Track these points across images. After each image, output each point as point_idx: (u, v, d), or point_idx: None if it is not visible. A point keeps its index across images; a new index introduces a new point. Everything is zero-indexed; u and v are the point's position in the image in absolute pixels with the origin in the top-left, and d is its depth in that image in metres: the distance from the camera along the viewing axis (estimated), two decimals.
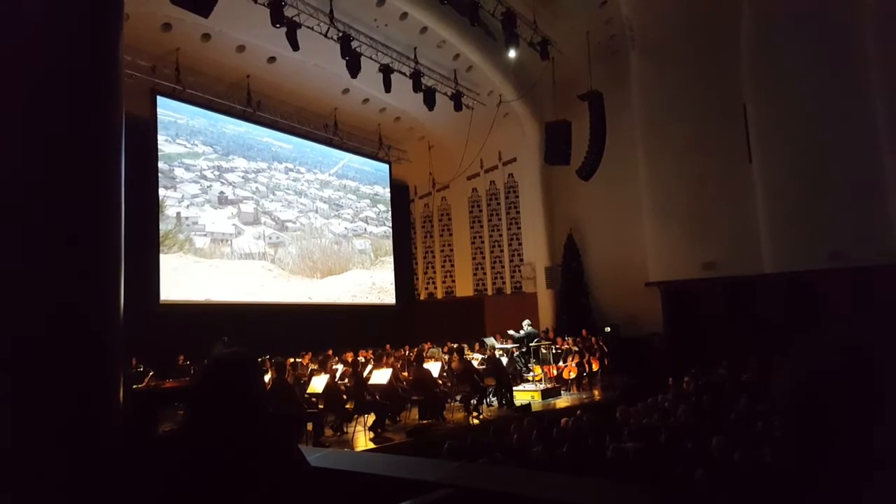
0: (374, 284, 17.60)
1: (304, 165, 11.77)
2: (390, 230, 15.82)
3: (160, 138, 10.60)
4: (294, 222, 11.14)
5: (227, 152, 10.65)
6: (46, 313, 2.15)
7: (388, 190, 15.79)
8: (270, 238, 10.81)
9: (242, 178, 10.55)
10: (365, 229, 12.77)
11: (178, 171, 10.13)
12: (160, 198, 10.55)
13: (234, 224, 10.38)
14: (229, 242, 10.12)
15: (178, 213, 9.88)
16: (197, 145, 10.47)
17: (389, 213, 15.55)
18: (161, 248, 10.94)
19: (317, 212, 11.55)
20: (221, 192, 10.29)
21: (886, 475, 0.86)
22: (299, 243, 11.61)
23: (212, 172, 10.34)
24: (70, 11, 2.32)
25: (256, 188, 10.80)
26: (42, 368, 2.12)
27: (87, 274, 2.28)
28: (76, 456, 2.13)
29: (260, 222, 10.74)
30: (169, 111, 13.32)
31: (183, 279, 13.16)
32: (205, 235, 9.98)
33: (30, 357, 2.11)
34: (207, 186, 10.18)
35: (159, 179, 10.63)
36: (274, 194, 11.14)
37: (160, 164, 10.46)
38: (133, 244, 3.14)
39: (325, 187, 12.16)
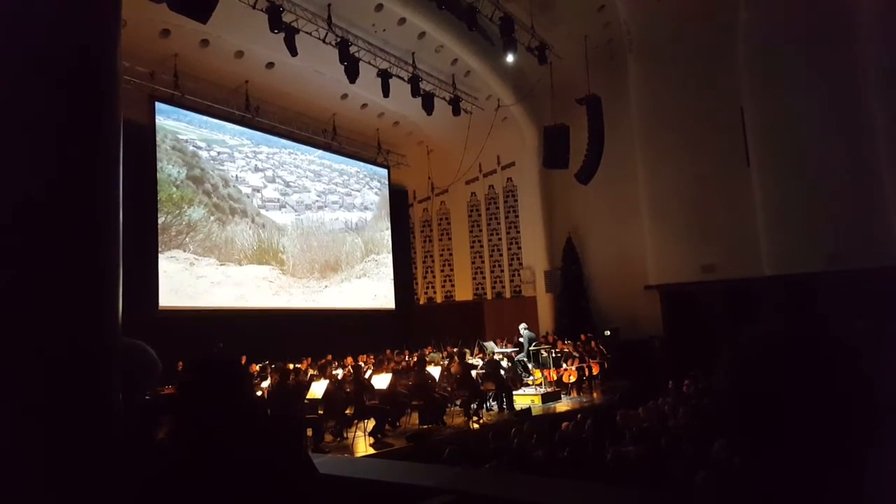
0: (375, 296, 18.28)
1: (299, 150, 17.29)
2: (358, 194, 19.18)
3: (226, 136, 15.45)
4: (294, 182, 16.91)
5: (257, 143, 16.03)
6: (45, 319, 2.14)
7: (353, 167, 19.10)
8: (281, 191, 16.64)
9: (266, 156, 16.27)
10: (335, 190, 18.29)
11: (236, 154, 15.50)
12: (226, 170, 15.32)
13: (262, 181, 16.13)
14: (260, 191, 16.01)
15: (237, 175, 15.41)
16: (243, 139, 15.80)
17: (352, 182, 19.16)
18: (185, 237, 14.04)
19: (307, 178, 17.37)
20: (256, 165, 16.01)
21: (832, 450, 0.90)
22: (296, 198, 17.09)
23: (251, 153, 16.00)
24: (67, 17, 2.33)
25: (273, 162, 16.43)
26: (41, 374, 2.11)
27: (86, 280, 2.27)
28: (76, 462, 2.12)
29: (275, 182, 16.45)
30: (169, 116, 13.47)
31: (183, 284, 13.23)
32: (248, 187, 15.69)
33: (28, 364, 2.10)
34: (249, 161, 15.94)
35: (224, 159, 15.33)
36: (283, 166, 16.74)
37: (224, 150, 15.40)
38: (132, 250, 3.14)
39: (311, 163, 17.68)
